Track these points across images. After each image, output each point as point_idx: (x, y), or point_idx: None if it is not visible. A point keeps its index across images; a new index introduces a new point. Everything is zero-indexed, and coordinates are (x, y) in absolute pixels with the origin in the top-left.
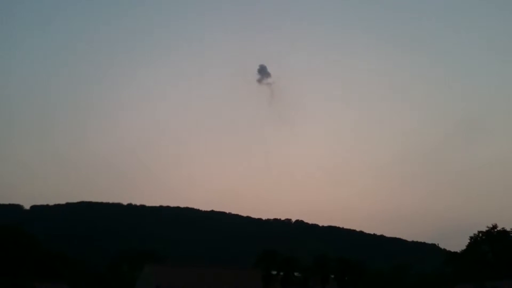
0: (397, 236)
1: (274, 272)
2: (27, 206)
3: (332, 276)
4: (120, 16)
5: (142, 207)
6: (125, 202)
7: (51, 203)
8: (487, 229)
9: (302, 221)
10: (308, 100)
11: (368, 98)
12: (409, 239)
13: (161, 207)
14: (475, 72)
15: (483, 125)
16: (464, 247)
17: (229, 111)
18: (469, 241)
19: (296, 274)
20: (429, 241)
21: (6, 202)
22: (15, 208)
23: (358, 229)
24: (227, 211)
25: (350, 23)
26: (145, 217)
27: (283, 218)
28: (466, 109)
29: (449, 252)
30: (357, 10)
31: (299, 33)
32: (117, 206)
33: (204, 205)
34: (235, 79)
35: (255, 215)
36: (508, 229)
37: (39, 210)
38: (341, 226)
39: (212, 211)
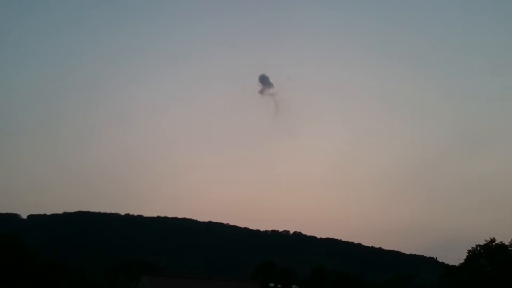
0: (396, 249)
1: (272, 284)
2: (24, 216)
3: None
4: (122, 29)
5: (140, 217)
6: (122, 212)
7: (49, 212)
8: (485, 242)
9: (300, 233)
10: (308, 112)
11: (370, 111)
12: (408, 252)
13: (158, 217)
14: (472, 85)
15: (482, 137)
16: (462, 261)
17: (230, 123)
18: (467, 254)
19: (294, 286)
20: (427, 254)
21: (3, 211)
22: (12, 217)
23: (356, 242)
24: (225, 222)
25: (351, 36)
26: (143, 228)
27: (281, 230)
28: (464, 121)
29: (448, 265)
30: (358, 24)
31: (300, 45)
32: (115, 216)
33: (202, 216)
34: (237, 90)
35: (253, 226)
36: (506, 242)
37: (36, 220)
38: (339, 238)
39: (210, 222)
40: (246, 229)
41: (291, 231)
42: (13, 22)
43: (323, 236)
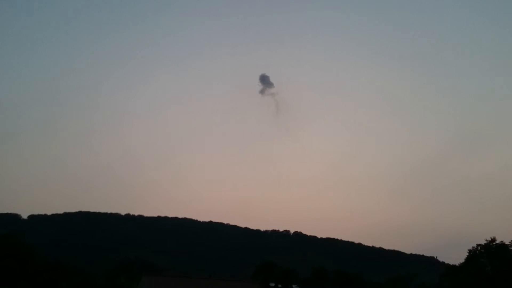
0: (396, 248)
1: (272, 284)
2: (25, 216)
3: None
4: (121, 30)
5: (140, 217)
6: (123, 212)
7: (49, 212)
8: (485, 242)
9: (300, 233)
10: (309, 112)
11: (370, 111)
12: (408, 252)
13: (159, 217)
14: (472, 85)
15: (482, 137)
16: (462, 261)
17: (230, 123)
18: (467, 254)
19: (294, 286)
20: (427, 254)
21: (4, 211)
22: (13, 217)
23: (356, 241)
24: (225, 222)
25: (351, 36)
26: (143, 227)
27: (281, 230)
28: (464, 121)
29: (448, 265)
30: (358, 24)
31: (300, 45)
32: (115, 216)
33: (202, 216)
34: (237, 90)
35: (253, 226)
36: (506, 242)
37: (36, 220)
38: (339, 238)
39: (211, 222)
40: (246, 229)
41: (291, 231)
42: (13, 22)
43: (323, 236)
